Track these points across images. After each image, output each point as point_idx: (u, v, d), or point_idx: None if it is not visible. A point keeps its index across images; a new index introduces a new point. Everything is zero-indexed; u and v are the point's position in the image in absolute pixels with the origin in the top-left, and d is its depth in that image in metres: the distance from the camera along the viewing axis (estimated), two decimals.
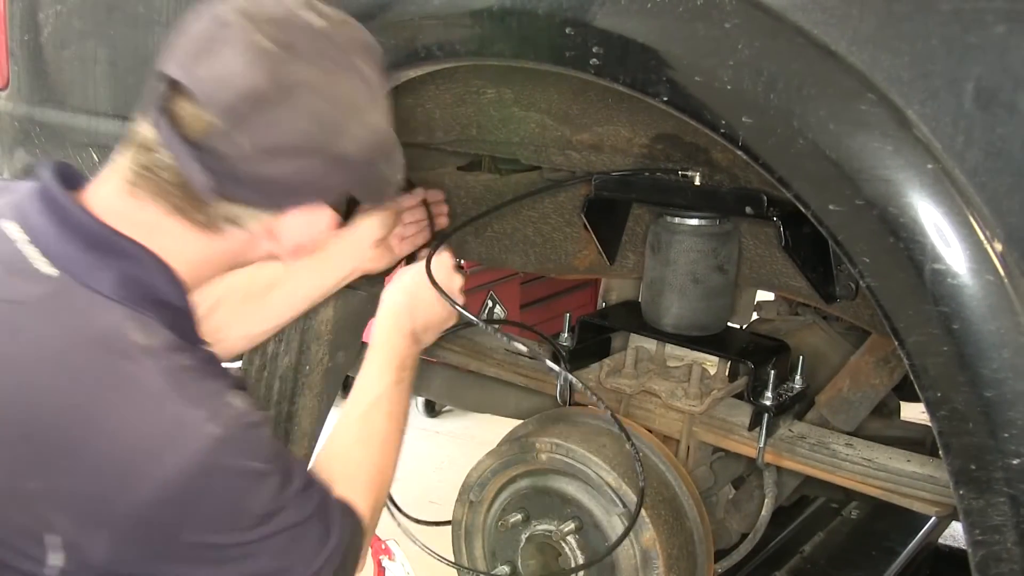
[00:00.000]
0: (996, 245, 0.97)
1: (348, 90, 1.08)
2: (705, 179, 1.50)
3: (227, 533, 1.05)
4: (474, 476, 1.72)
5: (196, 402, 1.03)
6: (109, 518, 0.99)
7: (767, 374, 1.60)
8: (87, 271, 1.06)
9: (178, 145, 1.04)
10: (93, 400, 1.01)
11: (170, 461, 0.99)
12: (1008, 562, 1.02)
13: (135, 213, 1.09)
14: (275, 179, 1.07)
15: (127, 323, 1.05)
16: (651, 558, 1.55)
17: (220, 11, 1.06)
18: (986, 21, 0.96)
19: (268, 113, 1.03)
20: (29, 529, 1.00)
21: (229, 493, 1.04)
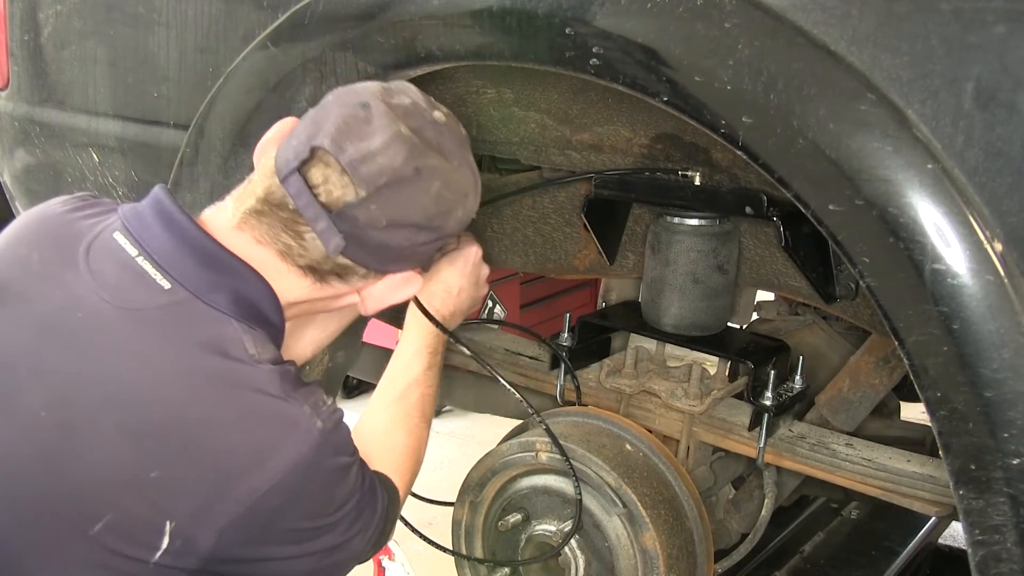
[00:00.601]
0: (996, 245, 0.97)
1: (462, 179, 1.23)
2: (705, 179, 1.50)
3: (315, 518, 1.18)
4: (474, 476, 1.72)
5: (302, 401, 1.16)
6: (224, 506, 1.09)
7: (767, 374, 1.60)
8: (203, 287, 1.16)
9: (311, 205, 1.15)
10: (215, 400, 1.12)
11: (285, 454, 1.12)
12: (1008, 562, 1.02)
13: (247, 247, 1.20)
14: (392, 247, 1.21)
15: (242, 335, 1.16)
16: (651, 558, 1.55)
17: (360, 95, 1.19)
18: (986, 21, 0.96)
19: (403, 191, 1.16)
20: (147, 517, 1.08)
21: (325, 484, 1.17)
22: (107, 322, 1.13)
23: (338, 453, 1.19)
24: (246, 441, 1.12)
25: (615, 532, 1.58)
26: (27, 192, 2.12)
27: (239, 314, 1.17)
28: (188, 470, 1.10)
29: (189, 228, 1.19)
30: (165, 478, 1.09)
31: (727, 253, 1.63)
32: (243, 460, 1.11)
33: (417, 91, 1.25)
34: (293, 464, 1.12)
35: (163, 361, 1.12)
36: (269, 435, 1.13)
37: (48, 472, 1.09)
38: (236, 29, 1.61)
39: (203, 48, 1.67)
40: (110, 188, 1.91)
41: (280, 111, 1.49)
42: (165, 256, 1.17)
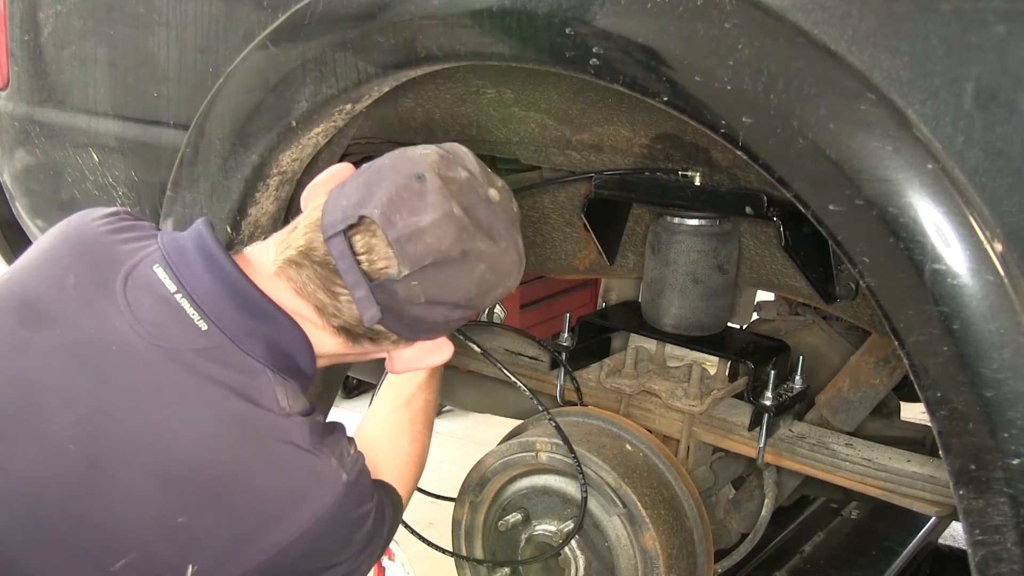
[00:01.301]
0: (996, 245, 0.97)
1: (507, 262, 1.22)
2: (705, 179, 1.50)
3: (332, 558, 1.20)
4: (474, 476, 1.72)
5: (329, 453, 1.17)
6: (247, 554, 1.11)
7: (767, 374, 1.60)
8: (241, 333, 1.15)
9: (352, 271, 1.14)
10: (245, 449, 1.12)
11: (311, 506, 1.13)
12: (1008, 562, 1.02)
13: (285, 296, 1.19)
14: (427, 321, 1.21)
15: (277, 388, 1.16)
16: (651, 558, 1.55)
17: (418, 165, 1.18)
18: (986, 21, 0.96)
19: (446, 271, 1.15)
20: (170, 560, 1.08)
21: (347, 532, 1.19)
22: (142, 359, 1.12)
23: (360, 503, 1.21)
24: (274, 493, 1.12)
25: (615, 532, 1.58)
26: (27, 192, 2.12)
27: (274, 364, 1.16)
28: (215, 517, 1.10)
29: (230, 270, 1.17)
30: (191, 524, 1.09)
31: (727, 253, 1.63)
32: (270, 511, 1.12)
33: (475, 160, 1.24)
34: (319, 517, 1.13)
35: (196, 406, 1.11)
36: (297, 488, 1.13)
37: (72, 504, 1.08)
38: (236, 29, 1.61)
39: (203, 48, 1.67)
40: (110, 188, 1.91)
41: (280, 111, 1.49)
42: (205, 296, 1.15)
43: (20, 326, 1.14)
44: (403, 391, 1.46)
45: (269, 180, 1.57)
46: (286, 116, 1.48)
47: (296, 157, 1.56)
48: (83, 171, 1.96)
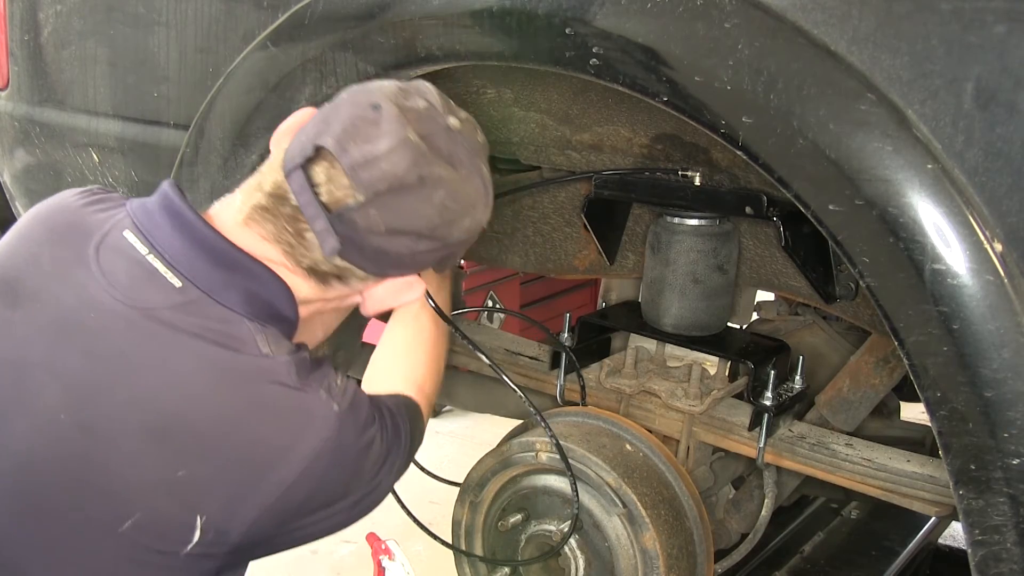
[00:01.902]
0: (996, 245, 0.97)
1: (470, 190, 1.21)
2: (705, 179, 1.50)
3: (345, 486, 1.21)
4: (474, 476, 1.72)
5: (318, 387, 1.17)
6: (254, 499, 1.11)
7: (767, 374, 1.60)
8: (215, 286, 1.16)
9: (311, 204, 1.14)
10: (234, 395, 1.13)
11: (308, 442, 1.13)
12: (1008, 562, 1.02)
13: (255, 244, 1.19)
14: (391, 253, 1.20)
15: (257, 335, 1.16)
16: (651, 558, 1.55)
17: (374, 95, 1.18)
18: (986, 21, 0.96)
19: (403, 198, 1.14)
20: (177, 515, 1.10)
21: (354, 461, 1.20)
22: (121, 323, 1.13)
23: (361, 431, 1.21)
24: (269, 434, 1.13)
25: (615, 532, 1.58)
26: (27, 192, 2.12)
27: (252, 313, 1.17)
28: (213, 467, 1.10)
29: (199, 226, 1.18)
30: (192, 477, 1.09)
31: (727, 253, 1.63)
32: (268, 453, 1.12)
33: (436, 93, 1.24)
34: (318, 452, 1.13)
35: (179, 361, 1.12)
36: (290, 426, 1.14)
37: (72, 474, 1.09)
38: (236, 29, 1.61)
39: (203, 48, 1.67)
40: (110, 188, 1.91)
41: (280, 111, 1.49)
42: (176, 254, 1.16)
43: (2, 307, 1.15)
44: (410, 314, 1.48)
45: None
46: (286, 116, 1.48)
47: None
48: (83, 171, 1.96)
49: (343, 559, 3.21)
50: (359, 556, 3.17)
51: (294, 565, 3.14)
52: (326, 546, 3.29)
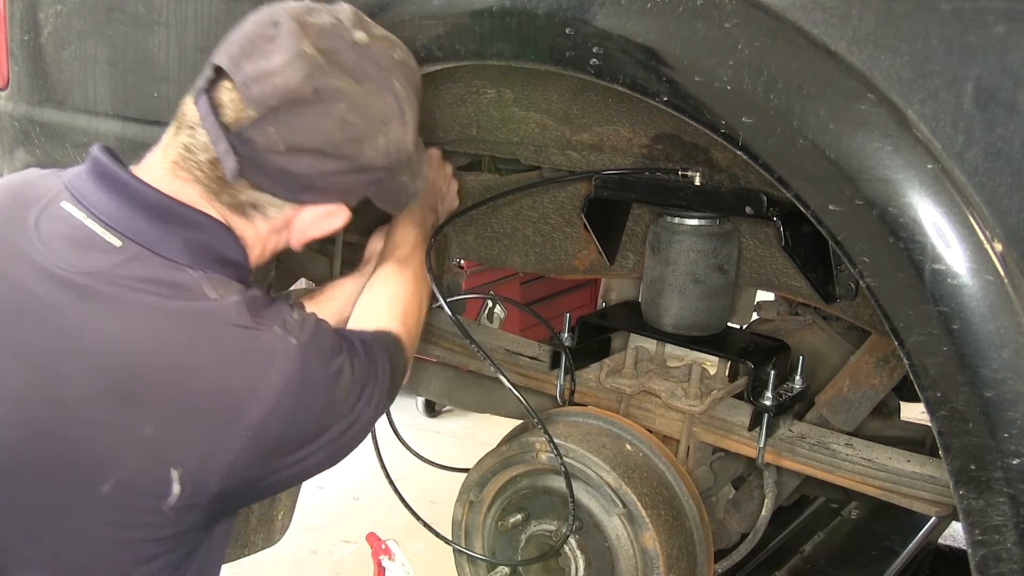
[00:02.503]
0: (996, 245, 0.97)
1: (378, 105, 1.17)
2: (705, 179, 1.50)
3: (320, 420, 1.19)
4: (474, 476, 1.72)
5: (274, 322, 1.15)
6: (227, 444, 1.10)
7: (767, 374, 1.60)
8: (154, 240, 1.15)
9: (214, 127, 1.12)
10: (189, 343, 1.12)
11: (270, 380, 1.12)
12: (1008, 562, 1.02)
13: (181, 190, 1.18)
14: (296, 174, 1.15)
15: (202, 282, 1.15)
16: (651, 558, 1.55)
17: (276, 13, 1.15)
18: (986, 21, 0.96)
19: (300, 113, 1.11)
20: (153, 471, 1.09)
21: (323, 392, 1.17)
22: (71, 292, 1.12)
23: (325, 360, 1.18)
24: (230, 378, 1.12)
25: (615, 532, 1.58)
26: None
27: (194, 260, 1.16)
28: (180, 419, 1.10)
29: (131, 183, 1.18)
30: (161, 432, 1.09)
31: (727, 253, 1.63)
32: (232, 398, 1.11)
33: (351, 11, 1.20)
34: (282, 388, 1.12)
35: (130, 320, 1.12)
36: (251, 367, 1.12)
37: (47, 448, 1.10)
38: None
39: (203, 48, 1.67)
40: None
41: None
42: (111, 215, 1.16)
43: None
44: (390, 260, 1.47)
45: None
46: None
47: None
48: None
49: (343, 559, 3.21)
50: (359, 556, 3.18)
51: (294, 565, 3.14)
52: (326, 546, 3.29)
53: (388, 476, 1.79)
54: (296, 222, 1.25)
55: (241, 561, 1.99)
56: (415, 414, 4.38)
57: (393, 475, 1.80)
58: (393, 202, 1.34)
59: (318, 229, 1.27)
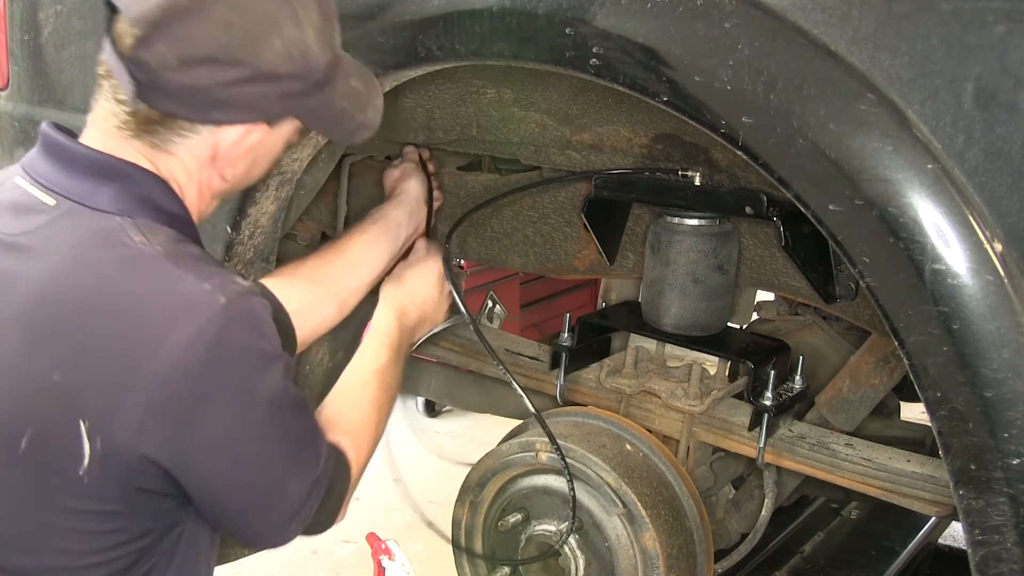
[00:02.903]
0: (996, 245, 0.97)
1: (262, 5, 1.14)
2: (705, 179, 1.50)
3: (237, 415, 1.12)
4: (474, 476, 1.72)
5: (202, 278, 1.11)
6: (131, 395, 1.06)
7: (767, 374, 1.60)
8: (85, 193, 1.16)
9: (112, 58, 1.13)
10: (101, 288, 1.10)
11: (182, 331, 1.07)
12: (1008, 562, 1.02)
13: (107, 142, 1.19)
14: (197, 88, 1.13)
15: (127, 227, 1.14)
16: (651, 558, 1.55)
17: None
18: (986, 21, 0.96)
19: (184, 24, 1.10)
20: (61, 422, 1.08)
21: (239, 369, 1.11)
22: (9, 253, 1.14)
23: (251, 333, 1.12)
24: (139, 324, 1.08)
25: (615, 532, 1.58)
26: None
27: (123, 209, 1.15)
28: (86, 363, 1.08)
29: (66, 144, 1.20)
30: (67, 378, 1.08)
31: (727, 253, 1.63)
32: (139, 344, 1.07)
33: None
34: (190, 341, 1.06)
35: (50, 267, 1.11)
36: (163, 314, 1.08)
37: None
38: None
39: None
40: None
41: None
42: (48, 177, 1.18)
43: None
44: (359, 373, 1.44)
45: (269, 180, 1.57)
46: None
47: (296, 157, 1.56)
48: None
49: (343, 559, 3.21)
50: (359, 556, 3.18)
51: (294, 565, 3.14)
52: (326, 546, 3.29)
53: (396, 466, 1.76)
54: (220, 149, 1.21)
55: (241, 561, 1.98)
56: (415, 414, 4.39)
57: (393, 475, 1.80)
58: (337, 130, 1.31)
59: (242, 153, 1.22)
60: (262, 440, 1.15)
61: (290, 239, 1.94)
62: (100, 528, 1.13)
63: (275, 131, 1.23)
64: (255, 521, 1.21)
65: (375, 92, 1.31)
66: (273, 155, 1.29)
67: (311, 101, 1.21)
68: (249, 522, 1.21)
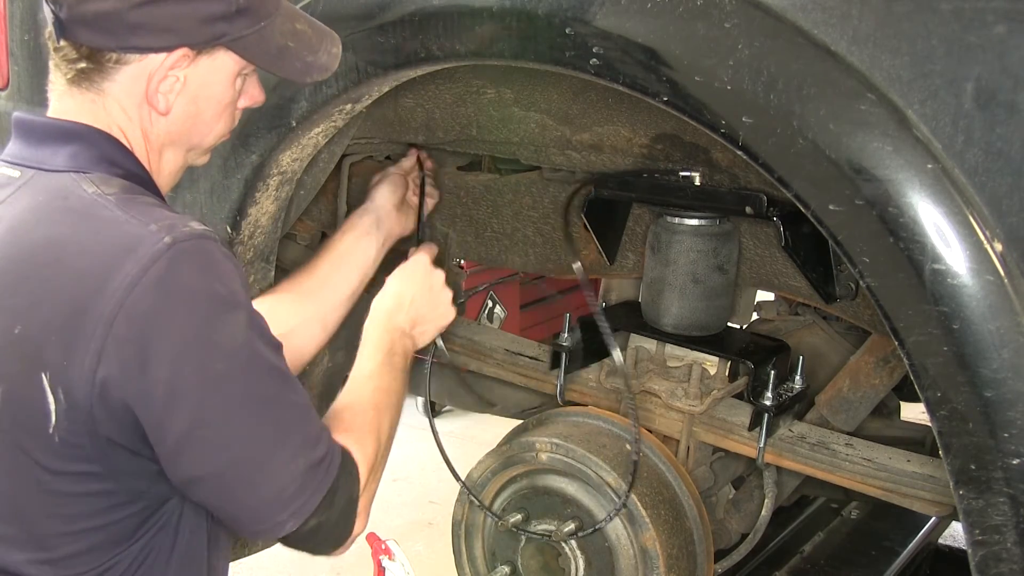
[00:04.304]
0: (996, 245, 0.97)
1: None
2: (705, 179, 1.50)
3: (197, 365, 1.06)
4: (474, 476, 1.72)
5: (150, 220, 1.09)
6: (83, 343, 1.04)
7: (767, 374, 1.60)
8: (44, 159, 1.18)
9: (44, 7, 1.15)
10: (53, 237, 1.10)
11: (126, 270, 1.04)
12: (1008, 562, 1.02)
13: (69, 104, 1.21)
14: (109, 13, 1.13)
15: (80, 181, 1.15)
16: (651, 558, 1.55)
17: None
18: (986, 21, 0.96)
19: None
20: (25, 376, 1.07)
21: (191, 312, 1.07)
22: None
23: (200, 273, 1.08)
24: (86, 267, 1.07)
25: (615, 532, 1.58)
26: None
27: (79, 166, 1.17)
28: (41, 314, 1.07)
29: (27, 119, 1.23)
30: (25, 328, 1.08)
31: (727, 253, 1.63)
32: (86, 287, 1.06)
33: None
34: (134, 279, 1.04)
35: (9, 228, 1.13)
36: (108, 256, 1.06)
37: None
38: None
39: None
40: None
41: (280, 111, 1.49)
42: (16, 153, 1.21)
43: None
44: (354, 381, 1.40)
45: (269, 180, 1.57)
46: (286, 116, 1.48)
47: (296, 157, 1.56)
48: None
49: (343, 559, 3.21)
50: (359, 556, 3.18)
51: (294, 565, 3.13)
52: None
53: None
54: (150, 81, 1.19)
55: (241, 561, 1.98)
56: (415, 414, 4.38)
57: (392, 475, 1.80)
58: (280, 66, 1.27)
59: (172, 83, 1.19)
60: (227, 399, 1.09)
61: (290, 239, 1.94)
62: (83, 490, 1.11)
63: (208, 63, 1.21)
64: (241, 498, 1.13)
65: (330, 39, 1.29)
66: (218, 97, 1.24)
67: (237, 29, 1.19)
68: (235, 498, 1.13)
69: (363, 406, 1.34)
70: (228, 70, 1.23)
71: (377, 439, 1.30)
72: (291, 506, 1.13)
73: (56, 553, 1.14)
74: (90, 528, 1.13)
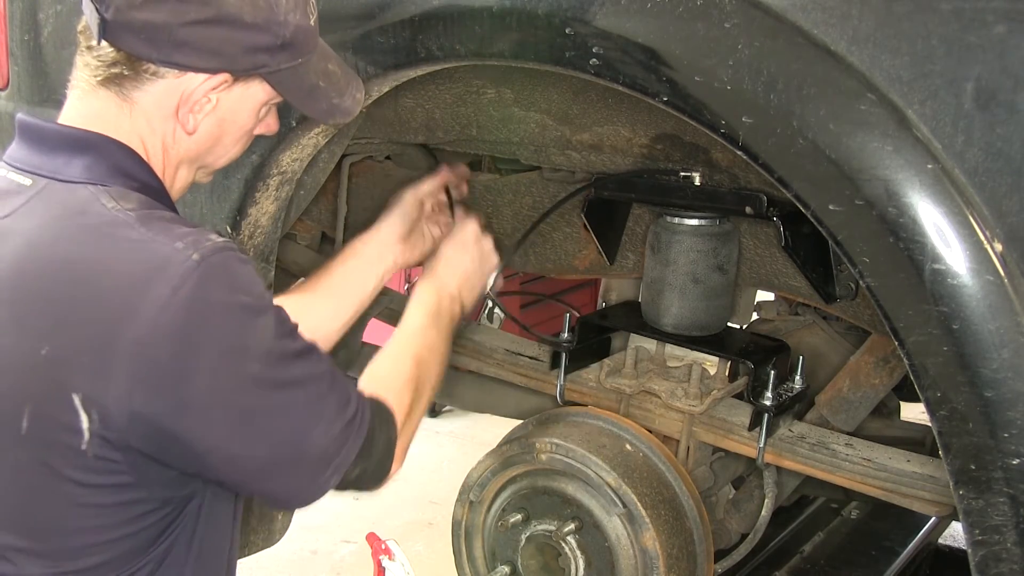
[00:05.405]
0: (996, 245, 0.97)
1: None
2: (705, 179, 1.50)
3: (231, 373, 1.09)
4: (474, 476, 1.72)
5: (175, 238, 1.09)
6: (117, 364, 1.04)
7: (767, 374, 1.60)
8: (59, 168, 1.16)
9: (90, 8, 1.14)
10: (77, 256, 1.09)
11: (157, 291, 1.05)
12: (1008, 562, 1.02)
13: (91, 105, 1.19)
14: (159, 25, 1.13)
15: (99, 195, 1.14)
16: (651, 558, 1.55)
17: None
18: (986, 21, 0.96)
19: None
20: (56, 397, 1.06)
21: (224, 326, 1.09)
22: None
23: (228, 288, 1.10)
24: (114, 289, 1.07)
25: (615, 532, 1.58)
26: None
27: (95, 178, 1.15)
28: (69, 335, 1.07)
29: (36, 125, 1.20)
30: (54, 350, 1.07)
31: (727, 253, 1.63)
32: (116, 310, 1.06)
33: None
34: (165, 302, 1.04)
35: (27, 242, 1.12)
36: (136, 277, 1.06)
37: None
38: None
39: None
40: None
41: (280, 111, 1.49)
42: (24, 159, 1.19)
43: None
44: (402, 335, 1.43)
45: (269, 180, 1.57)
46: (286, 116, 1.48)
47: (296, 157, 1.56)
48: None
49: (343, 559, 3.21)
50: (359, 556, 3.18)
51: (294, 565, 3.14)
52: (326, 546, 3.29)
53: None
54: (184, 98, 1.19)
55: (241, 561, 1.98)
56: None
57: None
58: (309, 105, 1.29)
59: (205, 105, 1.20)
60: (266, 394, 1.12)
61: (290, 239, 1.94)
62: (115, 500, 1.12)
63: (241, 90, 1.22)
64: (283, 477, 1.17)
65: (355, 84, 1.32)
66: (241, 123, 1.26)
67: (277, 62, 1.20)
68: (276, 479, 1.18)
69: (403, 356, 1.39)
70: (257, 99, 1.25)
71: (415, 388, 1.35)
72: (332, 464, 1.18)
73: (80, 564, 1.14)
74: (119, 537, 1.14)
